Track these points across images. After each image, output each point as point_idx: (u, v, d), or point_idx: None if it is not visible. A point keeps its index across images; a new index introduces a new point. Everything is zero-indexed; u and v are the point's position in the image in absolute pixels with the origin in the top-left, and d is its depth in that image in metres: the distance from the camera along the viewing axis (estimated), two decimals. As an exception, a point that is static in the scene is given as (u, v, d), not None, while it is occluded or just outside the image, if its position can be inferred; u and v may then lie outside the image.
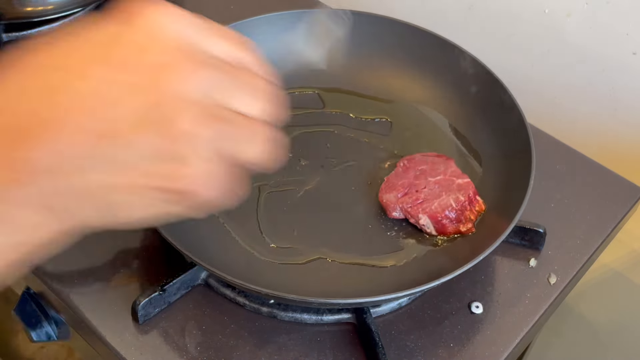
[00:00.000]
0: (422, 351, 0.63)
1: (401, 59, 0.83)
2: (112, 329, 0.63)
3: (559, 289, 0.69)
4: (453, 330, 0.65)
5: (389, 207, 0.70)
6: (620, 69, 0.89)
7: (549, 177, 0.78)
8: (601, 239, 0.73)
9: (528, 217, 0.71)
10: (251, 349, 0.62)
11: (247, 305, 0.65)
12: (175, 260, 0.67)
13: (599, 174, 0.79)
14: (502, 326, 0.65)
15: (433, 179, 0.71)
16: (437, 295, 0.67)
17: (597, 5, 0.87)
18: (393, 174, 0.73)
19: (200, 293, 0.66)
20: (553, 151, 0.81)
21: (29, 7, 0.87)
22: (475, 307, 0.66)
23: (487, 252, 0.61)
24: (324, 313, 0.65)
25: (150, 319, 0.63)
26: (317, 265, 0.67)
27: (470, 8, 0.98)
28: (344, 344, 0.63)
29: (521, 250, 0.71)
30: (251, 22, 0.81)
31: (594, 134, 0.95)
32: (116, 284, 0.66)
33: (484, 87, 0.78)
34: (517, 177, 0.69)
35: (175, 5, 0.38)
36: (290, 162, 0.75)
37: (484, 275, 0.69)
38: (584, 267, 0.72)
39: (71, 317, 0.65)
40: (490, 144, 0.76)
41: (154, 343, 0.62)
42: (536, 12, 0.92)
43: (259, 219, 0.70)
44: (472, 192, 0.69)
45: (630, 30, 0.86)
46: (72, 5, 0.89)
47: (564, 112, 0.97)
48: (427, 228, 0.69)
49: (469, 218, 0.69)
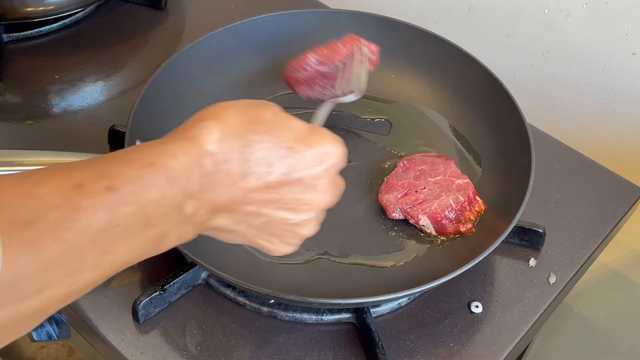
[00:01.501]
0: (422, 351, 0.63)
1: (401, 59, 0.83)
2: (113, 329, 0.63)
3: (558, 289, 0.69)
4: (453, 330, 0.65)
5: (389, 207, 0.70)
6: (620, 69, 0.89)
7: (549, 177, 0.78)
8: (601, 239, 0.73)
9: (528, 217, 0.71)
10: (251, 348, 0.62)
11: (248, 305, 0.65)
12: (175, 260, 0.67)
13: (599, 174, 0.79)
14: (501, 326, 0.65)
15: (433, 179, 0.71)
16: (437, 295, 0.67)
17: (597, 5, 0.87)
18: (393, 174, 0.73)
19: (200, 293, 0.66)
20: (553, 151, 0.81)
21: (29, 7, 0.87)
22: (475, 307, 0.66)
23: (487, 252, 0.61)
24: (324, 313, 0.65)
25: (150, 319, 0.64)
26: (317, 265, 0.67)
27: (470, 8, 0.98)
28: (344, 343, 0.64)
29: (521, 250, 0.71)
30: (251, 22, 0.81)
31: (594, 134, 0.95)
32: (117, 284, 0.66)
33: (484, 87, 0.78)
34: (517, 177, 0.69)
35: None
36: (291, 162, 0.75)
37: (483, 275, 0.69)
38: (584, 267, 0.72)
39: (72, 316, 0.65)
40: (490, 144, 0.76)
41: (155, 342, 0.62)
42: (536, 12, 0.92)
43: (259, 219, 0.70)
44: (472, 193, 0.70)
45: (630, 30, 0.86)
46: (72, 5, 0.89)
47: (564, 112, 0.97)
48: (427, 228, 0.69)
49: (469, 218, 0.69)
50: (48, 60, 0.88)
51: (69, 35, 0.92)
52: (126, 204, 0.40)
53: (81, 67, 0.88)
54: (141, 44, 0.92)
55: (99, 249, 0.39)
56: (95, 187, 0.39)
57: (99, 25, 0.93)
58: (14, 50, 0.89)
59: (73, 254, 0.38)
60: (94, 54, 0.90)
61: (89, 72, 0.87)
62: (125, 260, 0.41)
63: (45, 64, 0.88)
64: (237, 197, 0.45)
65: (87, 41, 0.91)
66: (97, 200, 0.38)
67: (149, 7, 0.96)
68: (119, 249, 0.40)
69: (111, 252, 0.40)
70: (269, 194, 0.46)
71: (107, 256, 0.40)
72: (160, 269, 0.67)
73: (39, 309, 0.38)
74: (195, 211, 0.44)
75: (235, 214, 0.46)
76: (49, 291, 0.38)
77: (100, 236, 0.39)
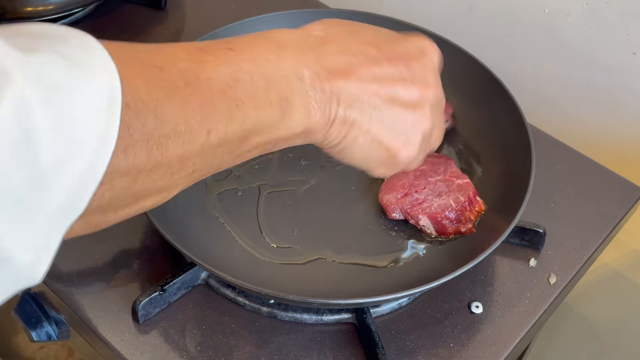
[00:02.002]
0: (422, 351, 0.63)
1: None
2: (113, 329, 0.63)
3: (558, 289, 0.69)
4: (453, 330, 0.65)
5: (389, 208, 0.70)
6: (620, 69, 0.89)
7: (549, 177, 0.78)
8: (601, 239, 0.73)
9: (528, 217, 0.71)
10: (251, 349, 0.62)
11: (247, 305, 0.65)
12: (175, 260, 0.67)
13: (599, 174, 0.79)
14: (502, 326, 0.65)
15: (433, 179, 0.71)
16: (437, 295, 0.67)
17: (597, 5, 0.86)
18: (393, 175, 0.72)
19: (200, 293, 0.66)
20: (553, 151, 0.81)
21: (29, 7, 0.87)
22: (475, 307, 0.66)
23: (487, 252, 0.61)
24: (324, 313, 0.65)
25: (150, 319, 0.63)
26: (317, 265, 0.67)
27: (470, 8, 0.98)
28: (344, 344, 0.64)
29: (521, 250, 0.71)
30: (251, 22, 0.81)
31: (594, 134, 0.95)
32: (116, 284, 0.66)
33: (484, 87, 0.78)
34: (517, 177, 0.69)
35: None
36: (291, 162, 0.75)
37: (484, 275, 0.69)
38: (584, 267, 0.72)
39: (71, 317, 0.65)
40: (490, 144, 0.76)
41: (154, 343, 0.62)
42: (536, 12, 0.92)
43: (259, 219, 0.70)
44: (472, 193, 0.69)
45: (630, 30, 0.86)
46: (72, 5, 0.89)
47: (564, 112, 0.97)
48: (427, 229, 0.69)
49: (469, 218, 0.69)
50: (48, 60, 0.88)
51: (68, 35, 0.92)
52: (245, 61, 0.43)
53: (81, 67, 0.87)
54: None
55: (227, 99, 0.41)
56: (216, 47, 0.43)
57: (99, 25, 0.93)
58: (14, 50, 0.89)
59: (203, 99, 0.40)
60: (94, 54, 0.89)
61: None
62: (258, 123, 0.44)
63: (45, 64, 0.87)
64: (351, 65, 0.48)
65: (86, 41, 0.91)
66: (218, 56, 0.43)
67: (148, 7, 0.96)
68: (247, 106, 0.43)
69: (239, 105, 0.42)
70: (381, 70, 0.49)
71: (237, 110, 0.42)
72: (160, 269, 0.67)
73: (182, 156, 0.39)
74: (312, 76, 0.46)
75: (355, 88, 0.48)
76: (188, 136, 0.39)
77: (226, 87, 0.41)
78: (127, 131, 0.35)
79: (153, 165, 0.38)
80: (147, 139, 0.37)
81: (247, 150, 0.45)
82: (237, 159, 0.45)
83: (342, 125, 0.49)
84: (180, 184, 0.42)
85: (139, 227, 0.70)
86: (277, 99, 0.44)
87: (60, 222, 0.34)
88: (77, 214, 0.34)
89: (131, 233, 0.70)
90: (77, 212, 0.34)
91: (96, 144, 0.33)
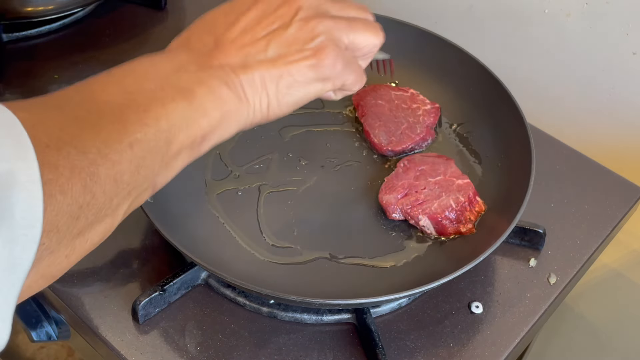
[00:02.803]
0: (422, 351, 0.63)
1: (401, 59, 0.83)
2: (113, 329, 0.63)
3: (558, 289, 0.69)
4: (453, 330, 0.65)
5: (389, 208, 0.70)
6: (620, 69, 0.89)
7: (549, 177, 0.78)
8: (601, 239, 0.73)
9: (528, 217, 0.71)
10: (251, 349, 0.62)
11: (247, 305, 0.65)
12: (175, 260, 0.67)
13: (599, 174, 0.79)
14: (502, 326, 0.65)
15: (433, 179, 0.71)
16: (437, 295, 0.67)
17: (597, 5, 0.86)
18: (393, 175, 0.73)
19: (200, 293, 0.66)
20: (553, 151, 0.81)
21: (29, 7, 0.87)
22: (475, 307, 0.66)
23: (487, 252, 0.61)
24: (324, 313, 0.65)
25: (150, 319, 0.63)
26: (317, 265, 0.67)
27: (470, 8, 0.98)
28: (344, 344, 0.64)
29: (521, 250, 0.71)
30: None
31: (594, 134, 0.95)
32: (116, 284, 0.66)
33: (484, 87, 0.78)
34: (517, 177, 0.69)
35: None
36: (290, 162, 0.75)
37: (484, 275, 0.69)
38: (584, 267, 0.72)
39: (71, 317, 0.65)
40: (490, 144, 0.76)
41: (154, 343, 0.62)
42: (536, 12, 0.92)
43: (259, 219, 0.70)
44: (472, 193, 0.69)
45: (630, 30, 0.86)
46: (72, 5, 0.89)
47: (564, 112, 0.97)
48: (427, 229, 0.69)
49: (469, 219, 0.69)
50: (48, 60, 0.88)
51: (68, 35, 0.92)
52: (126, 78, 0.46)
53: (81, 67, 0.88)
54: (141, 44, 0.92)
55: (132, 109, 0.43)
56: (96, 80, 0.46)
57: (99, 25, 0.93)
58: (14, 50, 0.89)
59: (111, 118, 0.42)
60: (94, 54, 0.90)
61: (88, 72, 0.86)
62: (172, 119, 0.45)
63: (45, 64, 0.87)
64: (218, 36, 0.51)
65: (86, 41, 0.91)
66: (103, 82, 0.45)
67: (148, 7, 0.96)
68: (153, 107, 0.44)
69: (147, 110, 0.44)
70: (244, 21, 0.51)
71: (146, 114, 0.44)
72: (160, 269, 0.67)
73: (114, 178, 0.40)
74: (195, 62, 0.49)
75: (235, 50, 0.50)
76: (113, 156, 0.40)
77: (124, 101, 0.43)
78: (56, 171, 0.36)
79: (91, 196, 0.38)
80: (79, 172, 0.37)
81: (177, 153, 0.46)
82: (170, 168, 0.46)
83: (254, 86, 0.50)
84: (121, 208, 0.42)
85: (139, 227, 0.70)
86: (177, 92, 0.46)
87: (10, 287, 0.34)
88: (25, 270, 0.35)
89: (131, 233, 0.70)
90: (24, 268, 0.35)
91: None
